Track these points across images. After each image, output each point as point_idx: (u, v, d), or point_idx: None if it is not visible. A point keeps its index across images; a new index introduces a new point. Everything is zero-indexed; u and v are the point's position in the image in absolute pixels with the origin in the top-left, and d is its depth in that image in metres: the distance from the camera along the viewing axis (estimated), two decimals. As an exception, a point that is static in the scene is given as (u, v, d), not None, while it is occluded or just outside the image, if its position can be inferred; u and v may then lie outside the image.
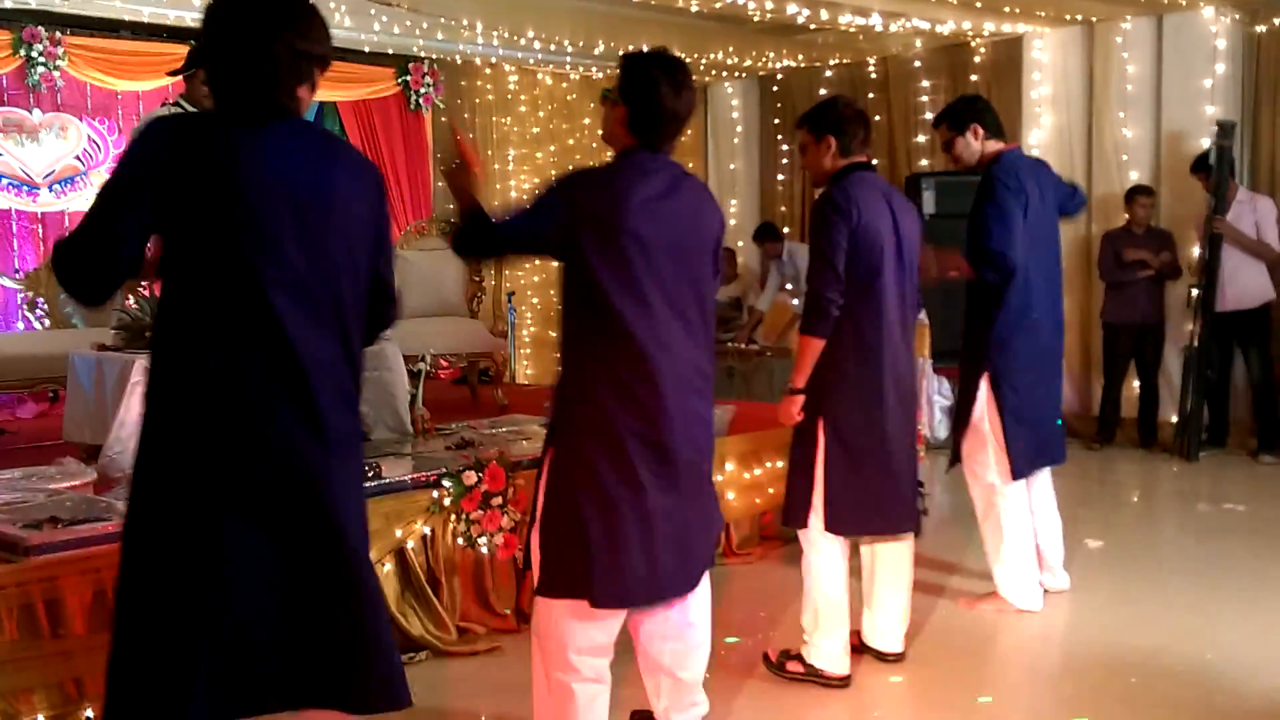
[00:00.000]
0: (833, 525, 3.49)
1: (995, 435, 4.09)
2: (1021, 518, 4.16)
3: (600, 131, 2.95)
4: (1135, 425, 7.38)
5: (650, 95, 2.75)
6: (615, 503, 2.67)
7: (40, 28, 7.09)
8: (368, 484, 3.82)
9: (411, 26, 7.53)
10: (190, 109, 5.62)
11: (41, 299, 6.26)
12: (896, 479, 3.52)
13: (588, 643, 2.76)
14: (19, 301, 6.64)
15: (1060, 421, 4.42)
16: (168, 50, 7.61)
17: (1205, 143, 7.06)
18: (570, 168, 4.51)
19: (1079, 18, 7.67)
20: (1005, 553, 4.17)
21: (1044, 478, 4.38)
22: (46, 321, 6.40)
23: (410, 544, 3.85)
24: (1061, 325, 4.36)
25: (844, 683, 3.57)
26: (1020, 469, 4.11)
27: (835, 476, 3.47)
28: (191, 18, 7.19)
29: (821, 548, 3.55)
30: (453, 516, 3.94)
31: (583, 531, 2.66)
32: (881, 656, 3.76)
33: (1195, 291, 6.95)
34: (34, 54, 7.11)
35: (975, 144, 4.22)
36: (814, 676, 3.58)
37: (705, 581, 2.94)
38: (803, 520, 3.54)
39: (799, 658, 3.63)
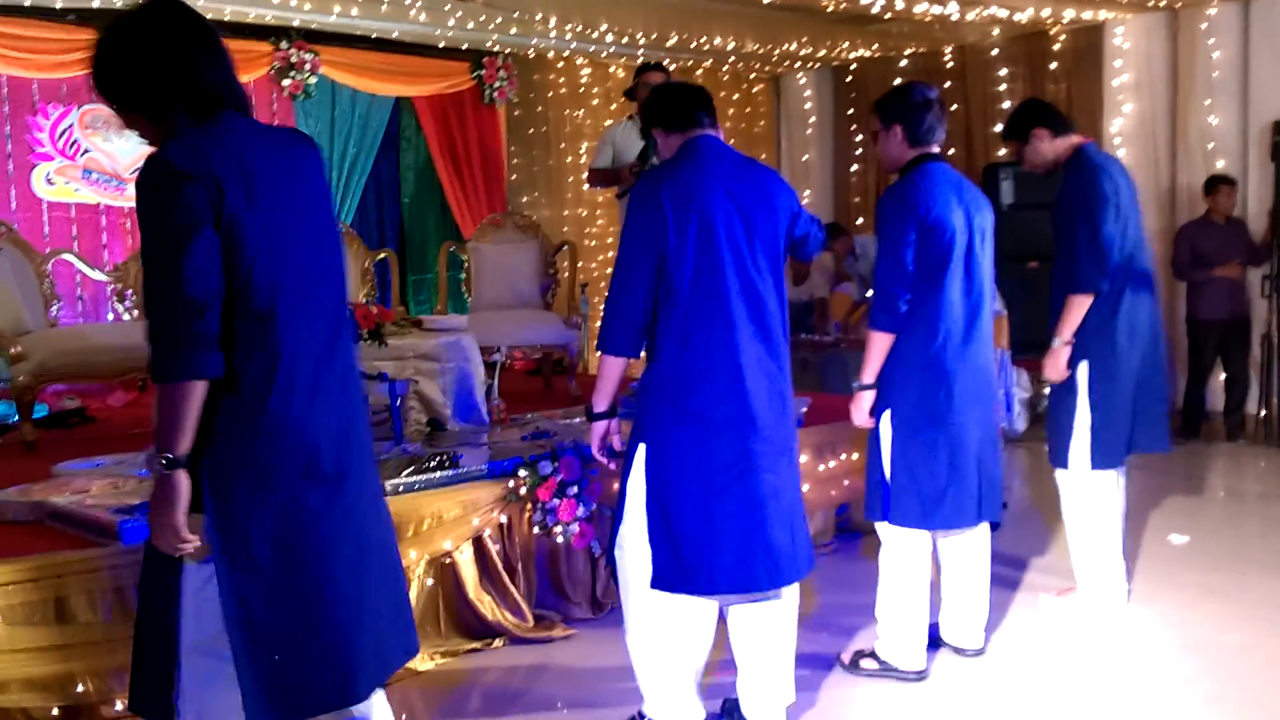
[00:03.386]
0: (897, 518, 3.47)
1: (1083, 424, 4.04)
2: (1103, 510, 4.09)
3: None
4: (1221, 418, 7.23)
5: None
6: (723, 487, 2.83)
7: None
8: (446, 473, 3.91)
9: (486, 21, 7.60)
10: (639, 121, 5.59)
11: (130, 291, 6.41)
12: (963, 471, 3.46)
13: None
14: (108, 293, 6.81)
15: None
16: (249, 47, 7.77)
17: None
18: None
19: (1162, 4, 7.50)
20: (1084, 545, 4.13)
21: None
22: (135, 312, 6.56)
23: (487, 532, 3.89)
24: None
25: (920, 677, 3.54)
26: (1099, 460, 4.03)
27: (901, 469, 3.45)
28: (272, 15, 7.33)
29: (897, 540, 3.53)
30: (529, 505, 3.98)
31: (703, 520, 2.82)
32: (960, 652, 3.72)
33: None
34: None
35: (1044, 146, 4.16)
36: (889, 672, 3.56)
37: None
38: (878, 512, 3.52)
39: (873, 654, 3.61)
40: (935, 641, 3.73)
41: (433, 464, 3.95)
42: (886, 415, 3.48)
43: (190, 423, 2.01)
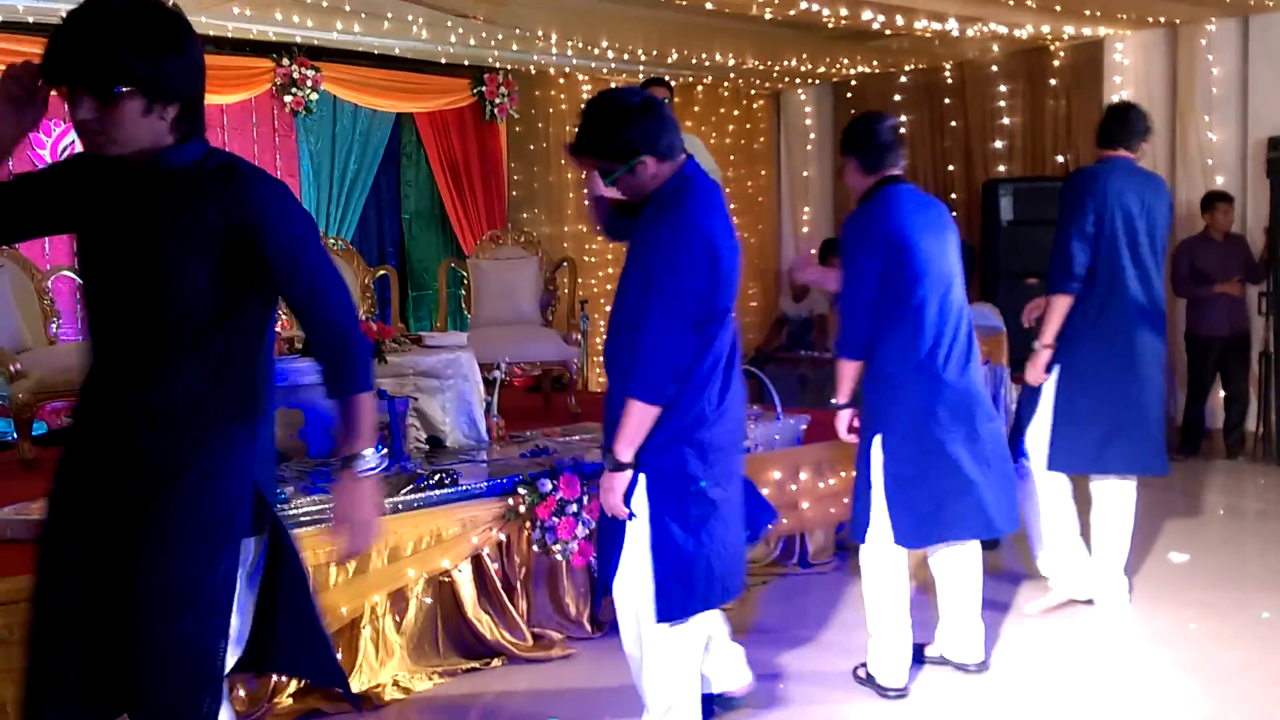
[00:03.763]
0: (899, 539, 3.49)
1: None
2: (1056, 509, 4.25)
3: None
4: (1221, 435, 7.23)
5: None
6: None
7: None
8: (445, 491, 3.90)
9: (487, 38, 7.62)
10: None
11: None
12: (957, 487, 3.44)
13: None
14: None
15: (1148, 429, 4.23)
16: (251, 64, 7.79)
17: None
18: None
19: (1161, 20, 7.52)
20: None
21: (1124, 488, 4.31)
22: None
23: (486, 550, 3.89)
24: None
25: (900, 695, 3.54)
26: (1054, 461, 4.18)
27: (896, 491, 3.46)
28: (274, 32, 7.35)
29: (875, 559, 3.55)
30: (528, 523, 3.98)
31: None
32: (963, 669, 3.72)
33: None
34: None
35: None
36: (872, 684, 3.59)
37: None
38: (861, 536, 3.57)
39: (865, 665, 3.64)
40: (922, 659, 3.74)
41: (432, 482, 3.95)
42: (877, 441, 3.49)
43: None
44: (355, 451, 2.14)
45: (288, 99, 7.98)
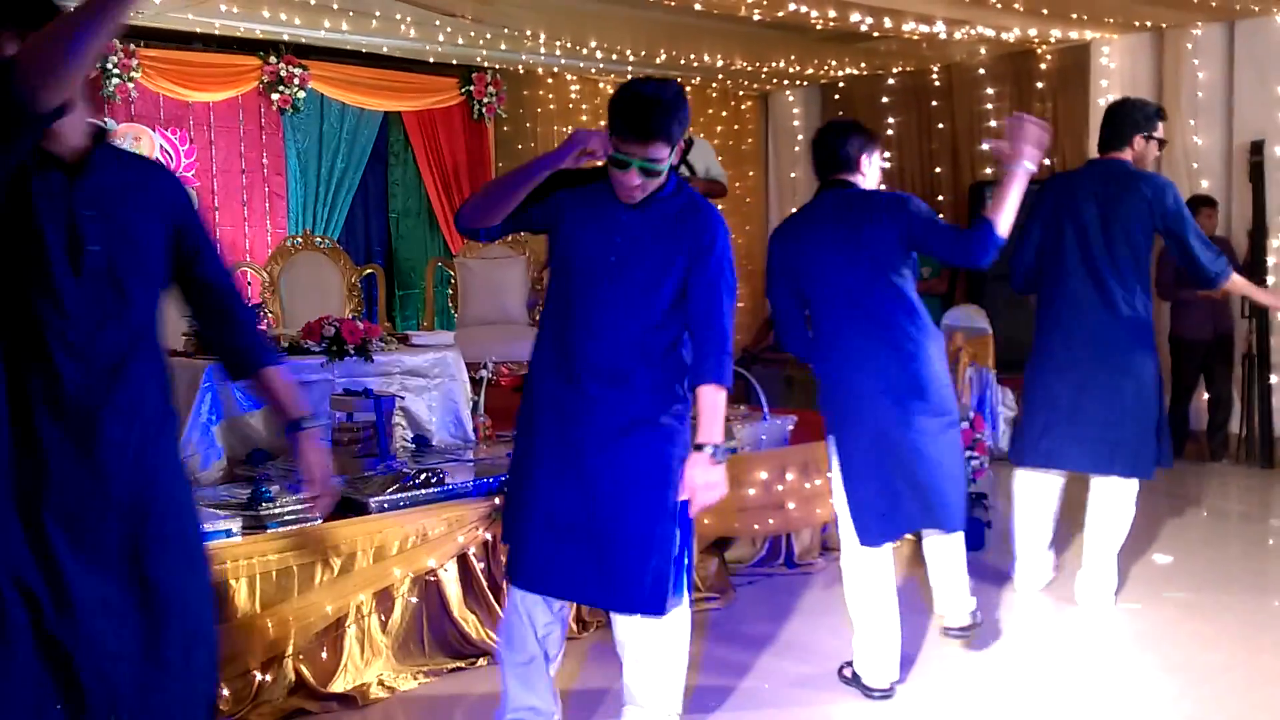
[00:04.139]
0: (863, 538, 3.50)
1: None
2: (1020, 502, 4.49)
3: None
4: (1205, 437, 7.26)
5: None
6: None
7: (115, 40, 7.27)
8: (431, 490, 3.90)
9: (475, 37, 7.61)
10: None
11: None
12: (896, 483, 3.46)
13: None
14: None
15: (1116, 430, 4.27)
16: (238, 61, 7.78)
17: (1279, 151, 6.95)
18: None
19: (1148, 24, 7.56)
20: None
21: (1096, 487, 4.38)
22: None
23: (472, 550, 3.88)
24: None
25: (884, 695, 3.54)
26: (1013, 454, 4.50)
27: (853, 491, 3.50)
28: (261, 29, 7.33)
29: (852, 559, 3.56)
30: (514, 523, 3.96)
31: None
32: (948, 632, 3.81)
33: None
34: (109, 66, 7.29)
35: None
36: (857, 684, 3.59)
37: None
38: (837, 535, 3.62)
39: (851, 664, 3.65)
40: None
41: (418, 481, 3.94)
42: (832, 442, 3.57)
43: None
44: (303, 414, 2.34)
45: (275, 97, 7.96)
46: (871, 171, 3.67)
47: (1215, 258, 4.17)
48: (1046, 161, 8.43)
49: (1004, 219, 3.31)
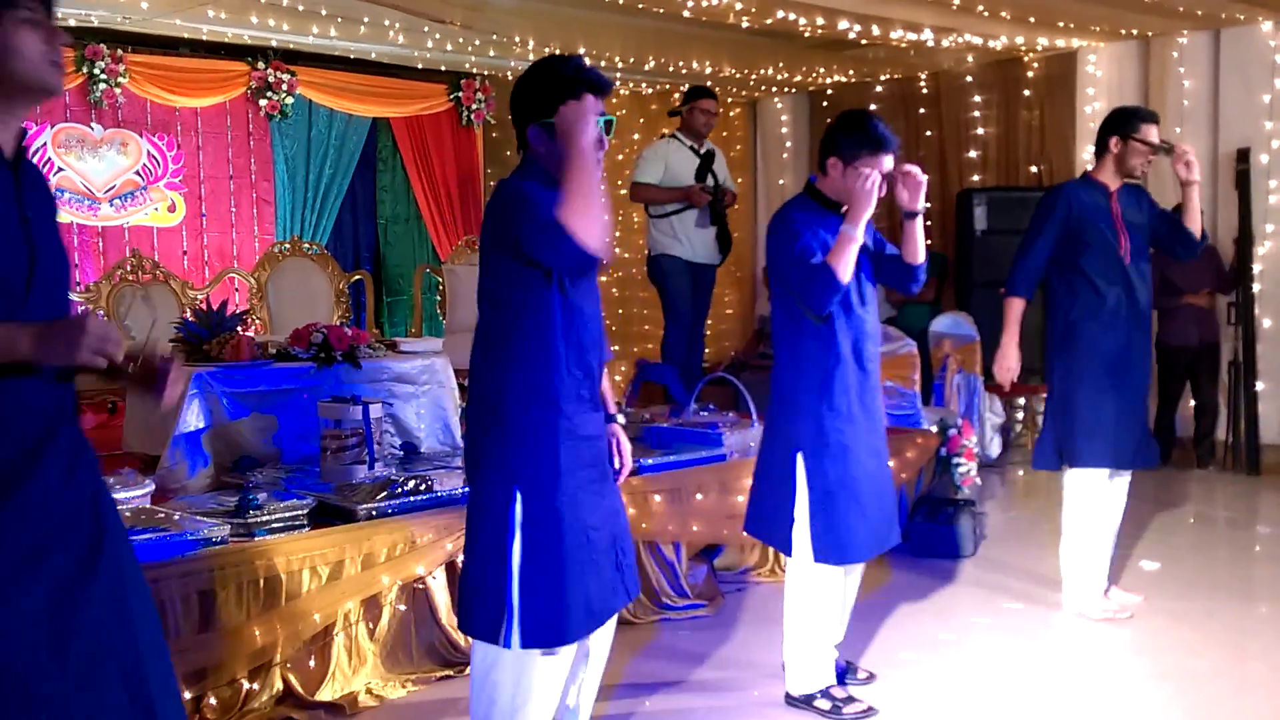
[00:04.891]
0: (830, 557, 3.40)
1: None
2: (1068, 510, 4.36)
3: None
4: (1191, 444, 7.29)
5: None
6: None
7: (102, 45, 7.24)
8: (420, 497, 3.88)
9: (464, 44, 7.61)
10: (686, 141, 6.29)
11: (101, 311, 6.37)
12: (869, 500, 3.42)
13: None
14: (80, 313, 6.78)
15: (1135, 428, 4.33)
16: (226, 67, 7.76)
17: (1265, 159, 6.99)
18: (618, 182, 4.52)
19: (1134, 32, 7.60)
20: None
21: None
22: (105, 333, 6.52)
23: (460, 557, 3.87)
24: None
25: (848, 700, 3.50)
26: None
27: (820, 510, 3.38)
28: (249, 35, 7.32)
29: (811, 574, 3.47)
30: (502, 530, 3.95)
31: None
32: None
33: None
34: (96, 71, 7.27)
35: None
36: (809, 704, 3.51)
37: None
38: (788, 549, 3.47)
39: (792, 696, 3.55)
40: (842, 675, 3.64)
41: (406, 488, 3.93)
42: (800, 457, 3.40)
43: None
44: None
45: (263, 103, 7.95)
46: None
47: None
48: (1034, 169, 8.48)
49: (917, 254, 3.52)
